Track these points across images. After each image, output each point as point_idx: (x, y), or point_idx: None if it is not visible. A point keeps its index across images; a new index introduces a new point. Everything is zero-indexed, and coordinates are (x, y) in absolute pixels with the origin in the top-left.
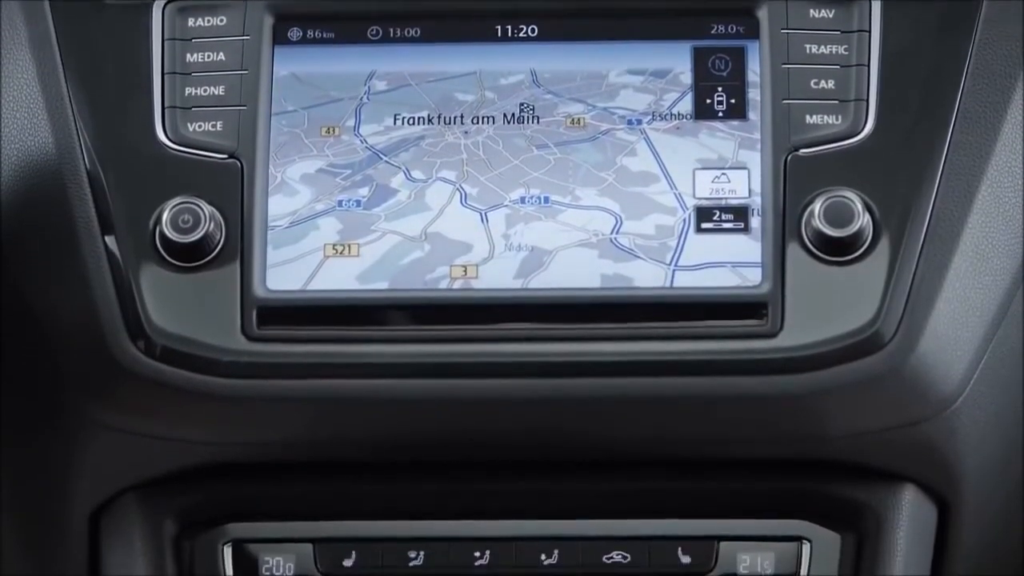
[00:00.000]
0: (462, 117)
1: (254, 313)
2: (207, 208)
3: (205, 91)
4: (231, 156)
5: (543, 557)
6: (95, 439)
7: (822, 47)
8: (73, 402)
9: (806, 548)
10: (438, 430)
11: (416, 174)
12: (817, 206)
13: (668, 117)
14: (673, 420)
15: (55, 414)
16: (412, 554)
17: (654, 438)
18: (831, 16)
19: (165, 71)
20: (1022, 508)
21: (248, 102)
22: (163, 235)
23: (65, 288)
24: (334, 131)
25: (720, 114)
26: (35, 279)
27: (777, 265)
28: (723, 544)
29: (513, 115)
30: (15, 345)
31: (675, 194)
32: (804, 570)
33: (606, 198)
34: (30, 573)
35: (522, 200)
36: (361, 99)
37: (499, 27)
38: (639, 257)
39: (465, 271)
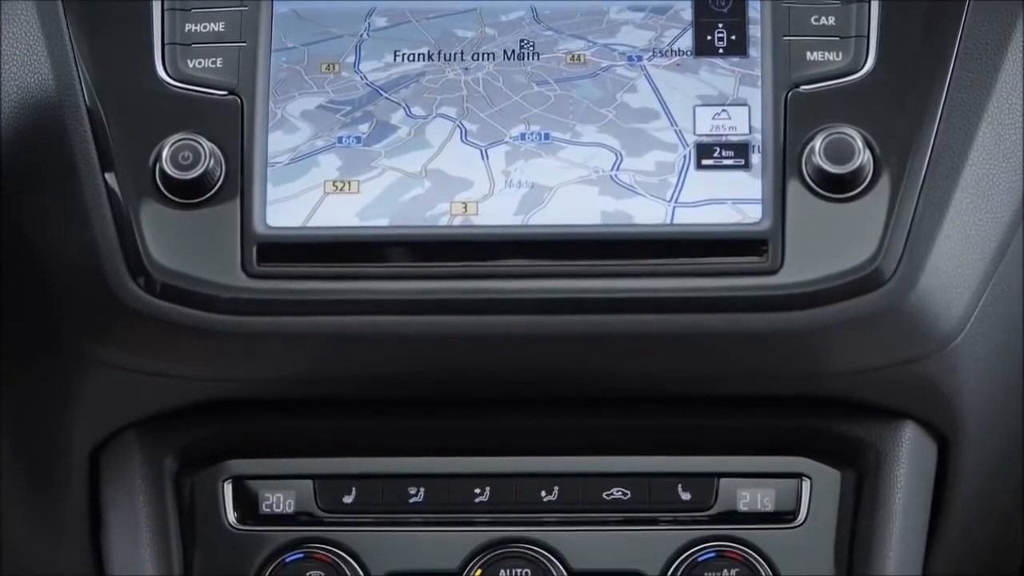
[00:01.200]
0: (462, 53)
1: (254, 250)
2: (207, 145)
3: (205, 27)
4: (231, 92)
5: (543, 494)
6: (94, 376)
7: None
8: (73, 339)
9: (806, 485)
10: (437, 367)
11: (416, 110)
12: (817, 143)
13: (668, 54)
14: (673, 357)
15: (54, 351)
16: (412, 490)
17: (654, 375)
18: None
19: (165, 7)
20: (1022, 445)
21: (248, 38)
22: (163, 172)
23: (65, 225)
24: (334, 67)
25: (720, 51)
26: (35, 216)
27: (777, 202)
28: (723, 481)
29: (513, 52)
30: (15, 281)
31: (675, 131)
32: (804, 507)
33: (606, 135)
34: (30, 511)
35: (522, 136)
36: (361, 35)
37: None
38: (639, 194)
39: (465, 207)
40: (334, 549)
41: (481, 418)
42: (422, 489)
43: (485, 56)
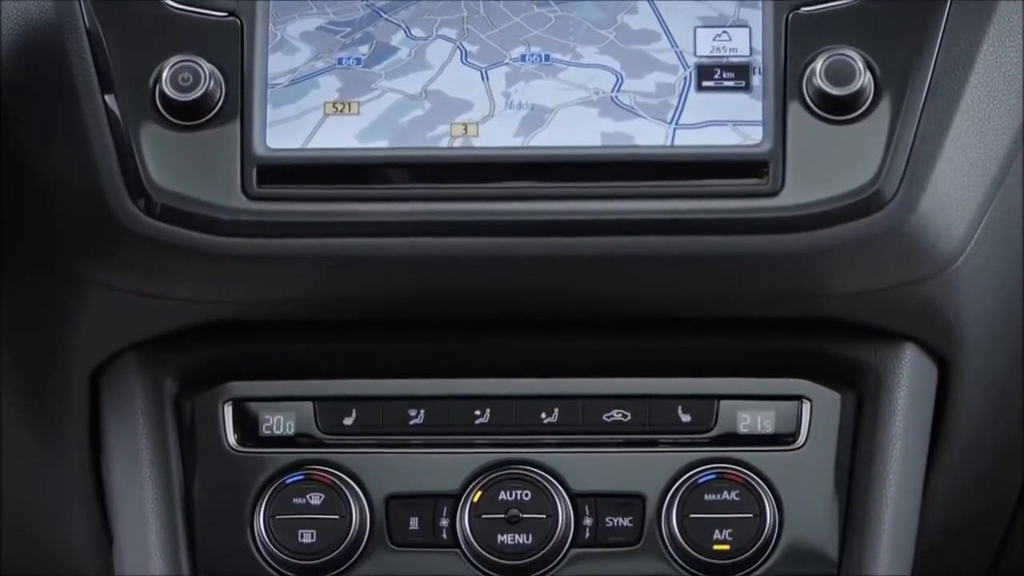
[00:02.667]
0: None
1: (254, 171)
2: (207, 66)
3: None
4: (231, 14)
5: (543, 415)
6: (94, 298)
7: None
8: (72, 260)
9: (806, 407)
10: (437, 288)
11: (416, 32)
12: (818, 64)
13: None
14: (672, 278)
15: (54, 272)
16: (412, 412)
17: (654, 297)
18: None
19: None
20: (1022, 367)
21: None
22: (163, 93)
23: (65, 147)
24: None
25: None
26: (34, 138)
27: (778, 124)
28: (723, 403)
29: None
30: (15, 203)
31: (676, 52)
32: (804, 429)
33: (607, 56)
34: (30, 434)
35: (523, 58)
36: None
37: None
38: (640, 115)
39: (465, 129)
40: (334, 471)
41: (481, 340)
42: (422, 411)
43: None
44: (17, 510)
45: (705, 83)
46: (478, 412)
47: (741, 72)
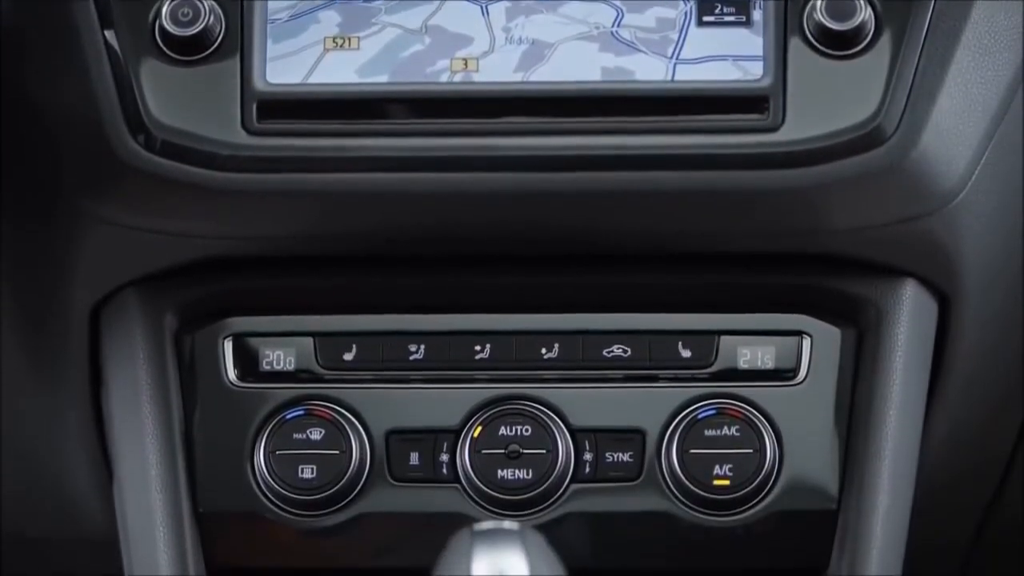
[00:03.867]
0: None
1: (254, 107)
2: (207, 1)
3: None
4: None
5: (543, 351)
6: (95, 233)
7: None
8: (73, 196)
9: (806, 342)
10: (438, 223)
11: None
12: None
13: None
14: (673, 214)
15: (55, 209)
16: (412, 347)
17: (654, 232)
18: None
19: None
20: (1022, 304)
21: None
22: (163, 29)
23: (65, 83)
24: None
25: None
26: (35, 75)
27: (779, 59)
28: (723, 338)
29: None
30: (16, 140)
31: None
32: (804, 364)
33: None
34: (31, 370)
35: None
36: None
37: None
38: (640, 50)
39: (466, 64)
40: (334, 406)
41: (481, 275)
42: (422, 346)
43: None
44: (18, 446)
45: (706, 18)
46: (478, 347)
47: (742, 7)
